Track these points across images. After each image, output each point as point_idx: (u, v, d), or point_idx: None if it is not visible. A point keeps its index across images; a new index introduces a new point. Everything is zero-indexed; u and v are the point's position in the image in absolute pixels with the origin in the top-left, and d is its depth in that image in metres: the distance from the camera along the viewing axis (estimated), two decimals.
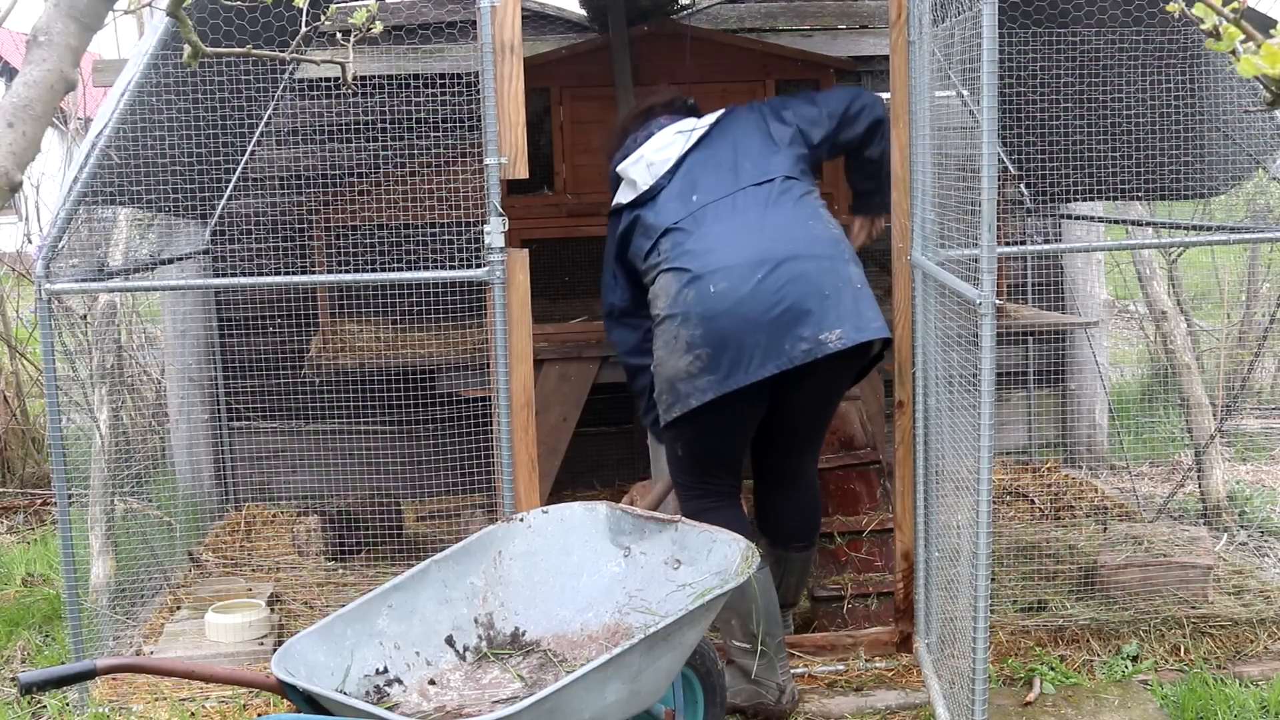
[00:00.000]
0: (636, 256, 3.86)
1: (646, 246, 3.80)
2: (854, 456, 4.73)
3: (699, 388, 3.60)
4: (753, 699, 3.76)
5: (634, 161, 3.89)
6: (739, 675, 3.77)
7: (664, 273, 3.72)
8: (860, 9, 6.16)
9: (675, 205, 3.79)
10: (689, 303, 3.60)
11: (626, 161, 3.92)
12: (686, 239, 3.71)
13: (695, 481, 3.86)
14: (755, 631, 3.72)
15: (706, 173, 3.83)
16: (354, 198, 5.35)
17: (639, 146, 3.92)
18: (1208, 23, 1.67)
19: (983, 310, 2.92)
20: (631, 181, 3.89)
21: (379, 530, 5.09)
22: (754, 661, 3.73)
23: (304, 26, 2.86)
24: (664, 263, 3.73)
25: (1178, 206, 5.36)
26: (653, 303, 3.77)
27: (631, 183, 3.89)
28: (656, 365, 3.74)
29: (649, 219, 3.82)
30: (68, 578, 3.86)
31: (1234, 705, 3.71)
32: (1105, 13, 4.20)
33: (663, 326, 3.69)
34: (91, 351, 4.82)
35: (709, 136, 3.91)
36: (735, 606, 3.67)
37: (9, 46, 15.81)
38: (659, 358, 3.72)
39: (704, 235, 3.69)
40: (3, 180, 2.20)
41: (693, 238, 3.70)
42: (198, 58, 2.54)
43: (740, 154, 3.84)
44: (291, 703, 2.65)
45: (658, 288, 3.74)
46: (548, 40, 5.83)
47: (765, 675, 3.75)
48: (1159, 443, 6.31)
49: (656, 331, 3.74)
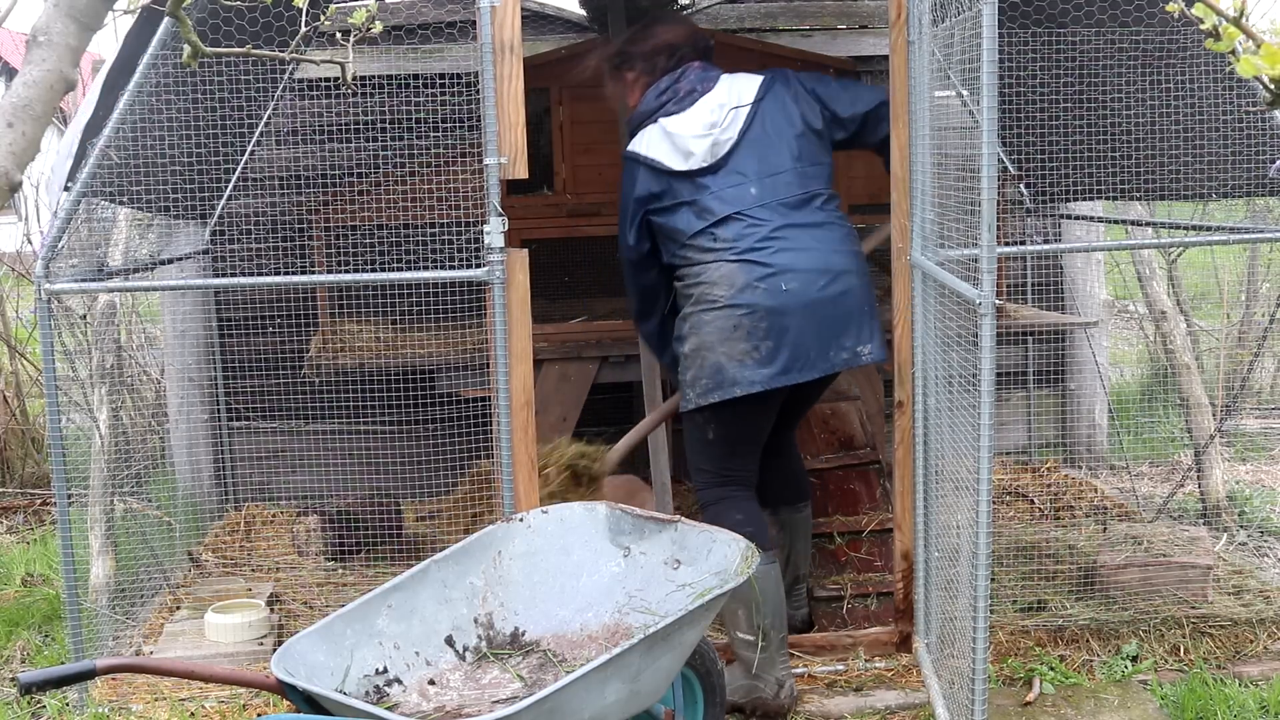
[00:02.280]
0: (678, 231, 3.81)
1: (699, 227, 3.77)
2: (854, 456, 4.73)
3: (750, 378, 3.68)
4: (750, 694, 3.76)
5: (690, 128, 3.82)
6: (739, 672, 3.78)
7: (729, 262, 3.72)
8: (860, 9, 6.16)
9: (735, 193, 3.79)
10: (759, 296, 3.68)
11: (677, 123, 3.83)
12: (754, 232, 3.74)
13: (720, 468, 3.88)
14: (759, 624, 3.75)
15: (765, 165, 3.83)
16: (354, 198, 5.35)
17: (684, 109, 3.86)
18: (1207, 23, 1.67)
19: (982, 310, 2.92)
20: (686, 151, 3.82)
21: (379, 530, 5.09)
22: (755, 654, 3.74)
23: (304, 26, 2.86)
24: (727, 251, 3.73)
25: (1178, 206, 5.36)
26: (704, 286, 3.74)
27: (685, 151, 3.82)
28: (699, 348, 3.74)
29: (708, 202, 3.78)
30: (67, 578, 3.86)
31: (1234, 705, 3.71)
32: (1105, 13, 4.20)
33: (720, 313, 3.70)
34: (91, 351, 4.82)
35: (759, 118, 3.87)
36: (743, 598, 3.71)
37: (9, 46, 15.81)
38: (706, 341, 3.72)
39: (772, 233, 3.75)
40: (3, 180, 2.20)
41: (760, 233, 3.74)
42: (197, 58, 2.54)
43: (794, 150, 3.87)
44: (291, 703, 2.65)
45: (716, 274, 3.72)
46: (548, 40, 5.83)
47: (765, 670, 3.76)
48: (1159, 443, 6.31)
49: (706, 316, 3.72)
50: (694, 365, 3.76)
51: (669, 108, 3.87)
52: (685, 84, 3.89)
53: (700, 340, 3.74)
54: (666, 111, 3.87)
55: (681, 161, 3.82)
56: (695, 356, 3.75)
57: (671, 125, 3.85)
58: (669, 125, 3.85)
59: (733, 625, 3.79)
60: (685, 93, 3.88)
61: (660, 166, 3.83)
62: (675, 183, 3.82)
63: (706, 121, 3.84)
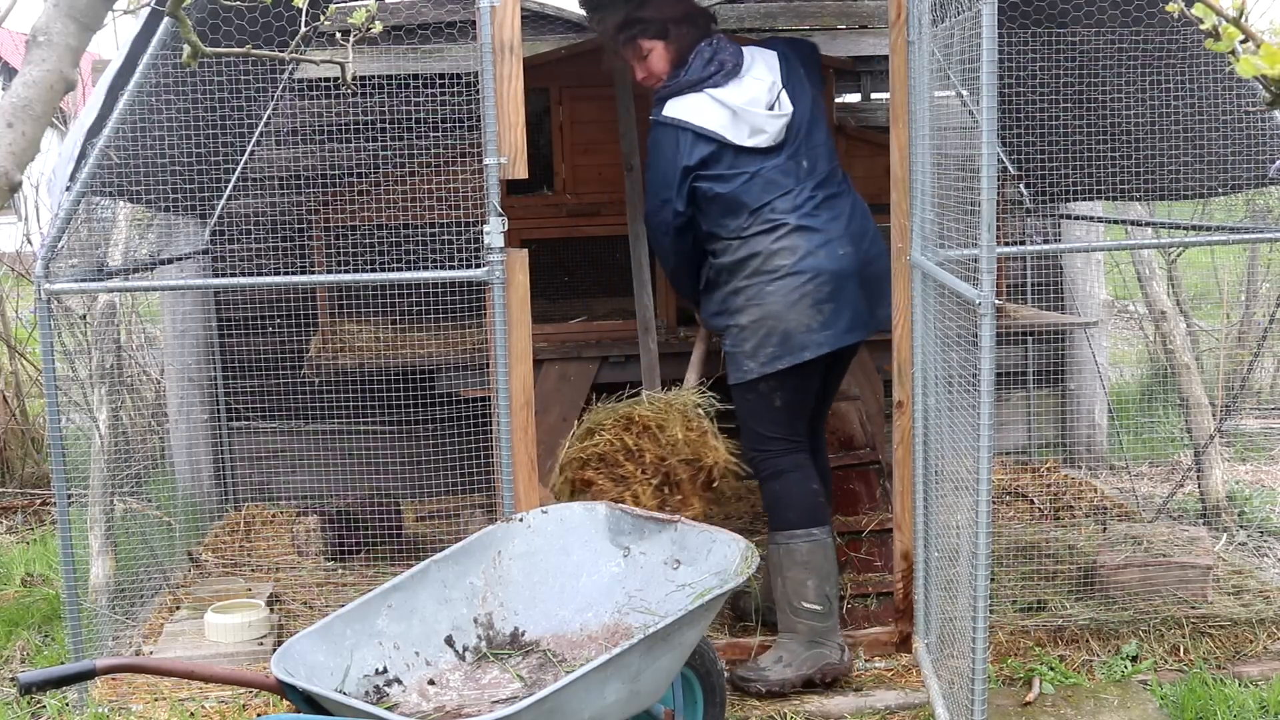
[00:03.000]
0: (740, 204, 3.88)
1: (765, 200, 3.87)
2: (853, 456, 4.73)
3: (818, 340, 3.83)
4: (819, 662, 3.88)
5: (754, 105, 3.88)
6: (797, 645, 3.87)
7: (790, 232, 3.84)
8: (860, 9, 6.16)
9: (793, 166, 3.92)
10: (821, 261, 3.83)
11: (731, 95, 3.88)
12: (807, 204, 3.89)
13: (791, 434, 3.97)
14: (830, 594, 3.89)
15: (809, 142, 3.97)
16: (354, 198, 5.35)
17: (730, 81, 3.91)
18: (1207, 23, 1.67)
19: (982, 310, 2.92)
20: (757, 128, 3.89)
21: (379, 530, 5.08)
22: (824, 623, 3.88)
23: (304, 26, 2.86)
24: (784, 222, 3.85)
25: (1178, 206, 5.37)
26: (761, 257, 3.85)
27: (755, 129, 3.89)
28: (763, 318, 3.84)
29: (773, 175, 3.89)
30: (67, 578, 3.86)
31: (1233, 705, 3.71)
32: (1104, 13, 4.20)
33: (784, 281, 3.82)
34: (91, 351, 4.82)
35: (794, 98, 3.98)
36: (816, 568, 3.87)
37: (9, 46, 15.80)
38: (772, 310, 3.83)
39: (821, 204, 3.91)
40: (3, 180, 2.20)
41: (813, 203, 3.90)
42: (197, 58, 2.54)
43: (820, 126, 4.04)
44: (291, 703, 2.65)
45: (777, 244, 3.84)
46: (548, 40, 5.83)
47: (829, 636, 3.90)
48: (1158, 443, 6.31)
49: (770, 286, 3.84)
50: (756, 335, 3.85)
51: (717, 79, 3.91)
52: (725, 57, 3.95)
53: (764, 309, 3.84)
54: (714, 82, 3.91)
55: (747, 137, 3.88)
56: (758, 326, 3.85)
57: (725, 97, 3.89)
58: (721, 96, 3.89)
59: (799, 597, 3.87)
60: (730, 66, 3.94)
61: (718, 137, 3.87)
62: (737, 155, 3.89)
63: (765, 101, 3.93)
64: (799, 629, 3.88)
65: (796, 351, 3.83)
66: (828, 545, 3.92)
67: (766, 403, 3.92)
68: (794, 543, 3.89)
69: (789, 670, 3.85)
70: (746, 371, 3.88)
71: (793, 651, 3.87)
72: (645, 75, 4.08)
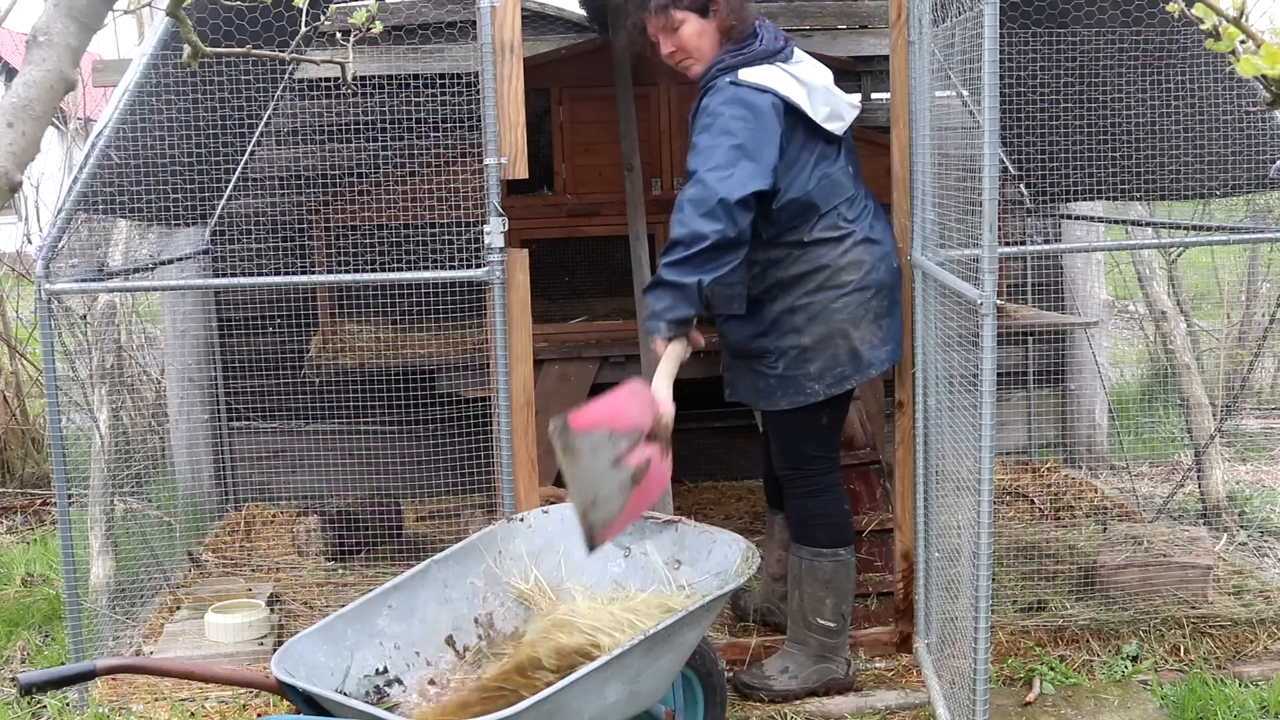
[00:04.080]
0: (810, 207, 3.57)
1: (834, 202, 3.61)
2: (854, 456, 4.73)
3: (880, 358, 3.71)
4: (825, 676, 3.86)
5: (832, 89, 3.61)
6: (804, 659, 3.85)
7: (857, 243, 3.63)
8: (860, 9, 6.16)
9: (848, 169, 3.72)
10: (882, 275, 3.69)
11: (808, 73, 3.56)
12: (867, 213, 3.73)
13: (833, 451, 3.86)
14: (845, 613, 3.85)
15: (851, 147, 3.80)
16: (354, 198, 5.35)
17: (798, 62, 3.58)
18: (1207, 23, 1.67)
19: (983, 310, 2.92)
20: (838, 114, 3.62)
21: (379, 530, 5.08)
22: (835, 640, 3.85)
23: (304, 26, 2.86)
24: (852, 232, 3.63)
25: (1178, 206, 5.36)
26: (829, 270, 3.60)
27: (837, 114, 3.62)
28: (829, 335, 3.61)
29: (839, 177, 3.65)
30: (67, 578, 3.86)
31: (1234, 705, 3.71)
32: (1105, 13, 4.20)
33: (851, 297, 3.61)
34: (91, 351, 4.82)
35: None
36: (837, 587, 3.80)
37: (9, 46, 15.80)
38: (839, 328, 3.61)
39: (875, 212, 3.77)
40: (3, 180, 2.20)
41: (870, 211, 3.75)
42: (197, 58, 2.54)
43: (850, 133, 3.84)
44: (291, 703, 2.65)
45: (846, 258, 3.61)
46: (548, 40, 5.83)
47: (837, 652, 3.87)
48: (1159, 443, 6.31)
49: (836, 303, 3.60)
50: (823, 355, 3.62)
51: (786, 53, 3.58)
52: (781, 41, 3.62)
53: (831, 327, 3.61)
54: (784, 57, 3.57)
55: (825, 119, 3.57)
56: (825, 345, 3.62)
57: (803, 74, 3.56)
58: (798, 72, 3.55)
59: (815, 613, 3.83)
60: (791, 53, 3.61)
61: (805, 112, 3.50)
62: (811, 145, 3.56)
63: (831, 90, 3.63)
64: (809, 642, 3.85)
65: (864, 370, 3.66)
66: (850, 565, 3.83)
67: (815, 422, 3.74)
68: (820, 560, 3.80)
69: (794, 683, 3.83)
70: (810, 394, 3.63)
71: (800, 664, 3.85)
72: (672, 50, 3.63)
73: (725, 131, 3.42)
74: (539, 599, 3.18)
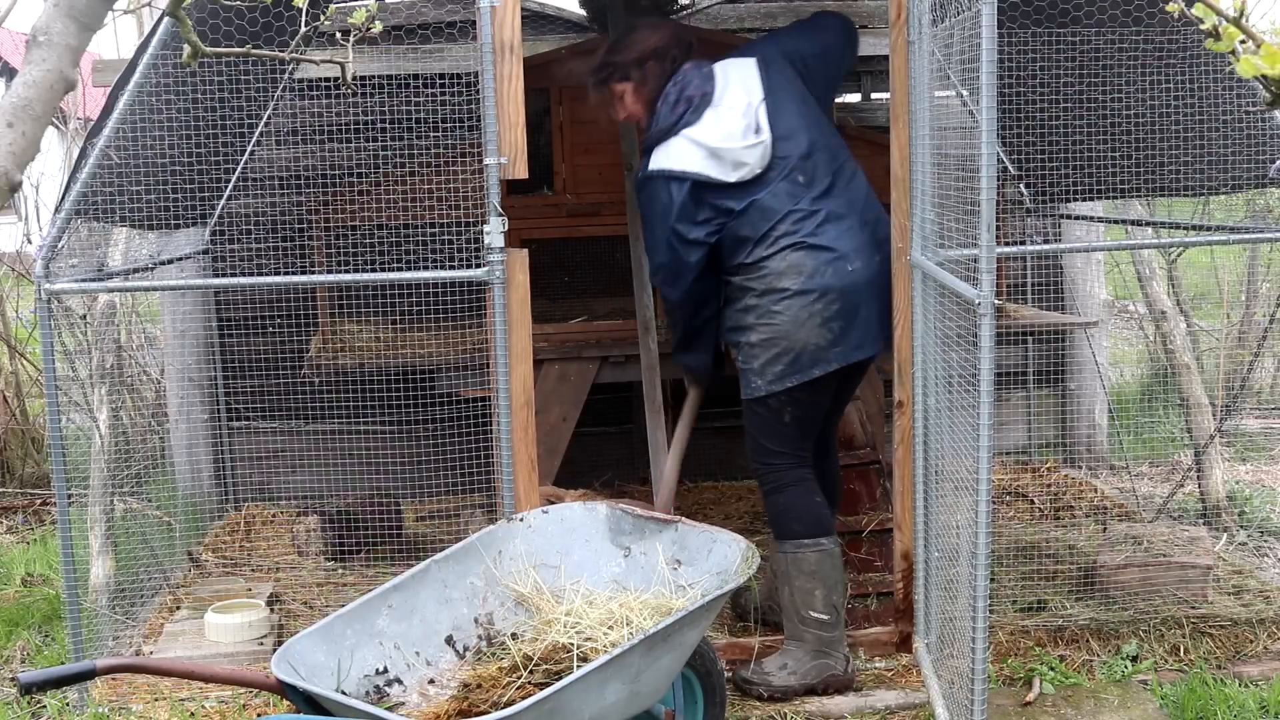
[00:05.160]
0: (741, 238, 3.82)
1: (764, 228, 3.81)
2: (854, 456, 4.73)
3: (826, 358, 3.79)
4: (823, 672, 3.87)
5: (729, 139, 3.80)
6: (802, 654, 3.87)
7: (795, 250, 3.77)
8: (860, 9, 6.16)
9: (788, 188, 3.83)
10: (828, 279, 3.77)
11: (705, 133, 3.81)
12: (809, 221, 3.81)
13: (796, 449, 3.94)
14: (838, 604, 3.87)
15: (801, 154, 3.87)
16: (354, 198, 5.35)
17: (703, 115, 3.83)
18: (1208, 23, 1.67)
19: (982, 310, 2.92)
20: (737, 162, 3.81)
21: (379, 530, 5.08)
22: (831, 633, 3.87)
23: (304, 26, 2.86)
24: (788, 243, 3.78)
25: (1177, 206, 5.36)
26: (770, 277, 3.79)
27: (736, 163, 3.82)
28: (773, 336, 3.79)
29: (768, 202, 3.81)
30: (67, 578, 3.86)
31: (1234, 705, 3.71)
32: (1105, 13, 4.20)
33: (792, 300, 3.77)
34: (91, 351, 4.82)
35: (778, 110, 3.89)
36: (824, 577, 3.85)
37: (9, 46, 15.79)
38: (781, 329, 3.78)
39: (825, 218, 3.83)
40: (3, 180, 2.20)
41: (815, 219, 3.82)
42: (197, 58, 2.54)
43: (815, 128, 3.93)
44: (291, 703, 2.65)
45: (782, 265, 3.78)
46: (548, 40, 5.82)
47: (834, 646, 3.89)
48: (1159, 443, 6.31)
49: (777, 305, 3.78)
50: (765, 353, 3.81)
51: (687, 118, 3.85)
52: (692, 90, 3.87)
53: (774, 329, 3.79)
54: (686, 122, 3.84)
55: (732, 172, 3.82)
56: (768, 345, 3.80)
57: (700, 135, 3.83)
58: (696, 135, 3.83)
59: (807, 606, 3.86)
60: (698, 99, 3.86)
61: (706, 179, 3.81)
62: (725, 195, 3.82)
63: (741, 127, 3.83)
64: (806, 638, 3.87)
65: (806, 369, 3.79)
66: (835, 555, 3.90)
67: (775, 418, 3.89)
68: (802, 552, 3.87)
69: (793, 678, 3.84)
70: (755, 388, 3.85)
71: (798, 659, 3.87)
72: (625, 116, 4.07)
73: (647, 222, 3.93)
74: (538, 599, 3.18)
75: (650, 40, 3.98)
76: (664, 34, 4.01)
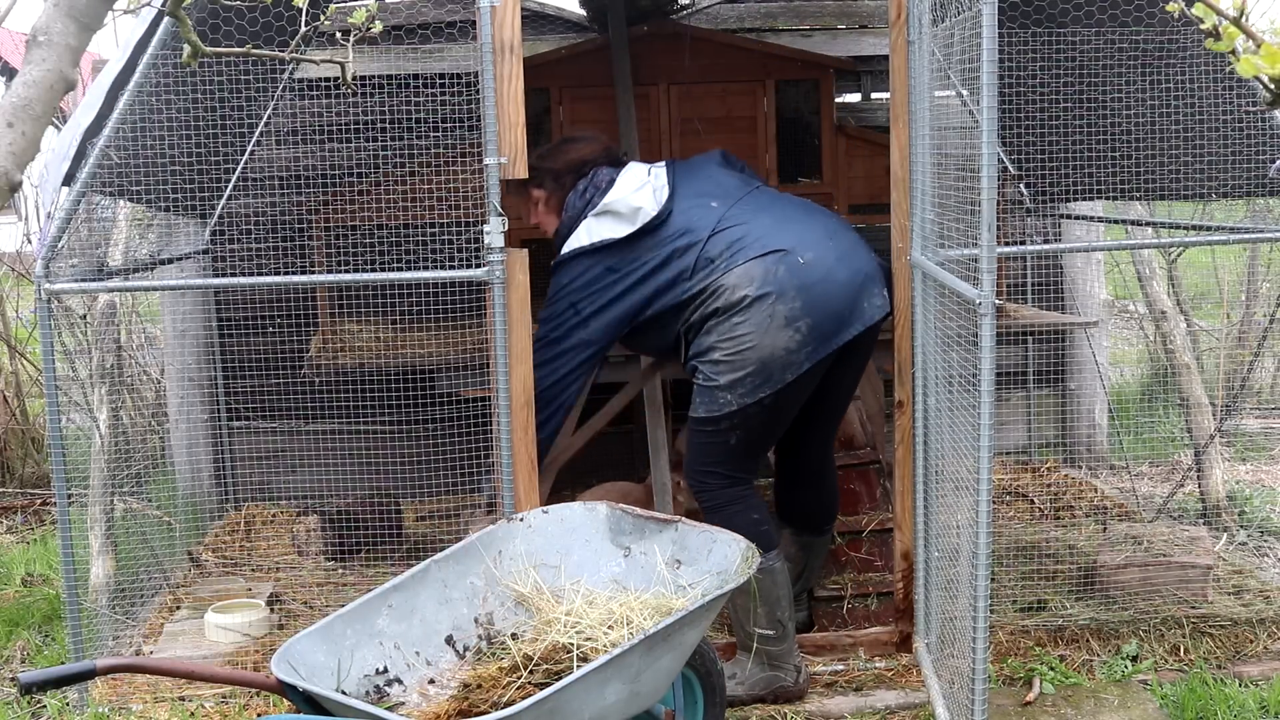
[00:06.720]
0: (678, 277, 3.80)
1: (691, 261, 3.78)
2: (854, 456, 4.73)
3: (796, 360, 3.71)
4: (773, 684, 3.86)
5: (624, 194, 3.87)
6: (756, 666, 3.84)
7: (743, 262, 3.73)
8: (860, 9, 6.16)
9: (701, 214, 3.84)
10: (782, 278, 3.70)
11: (615, 197, 3.88)
12: (742, 231, 3.79)
13: (734, 470, 3.86)
14: (783, 619, 3.84)
15: (709, 184, 3.92)
16: (354, 198, 5.35)
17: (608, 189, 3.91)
18: (1207, 23, 1.67)
19: (982, 310, 2.92)
20: (632, 209, 3.85)
21: (379, 530, 5.08)
22: (778, 647, 3.84)
23: (304, 26, 2.86)
24: (733, 256, 3.75)
25: (1177, 206, 5.36)
26: (721, 296, 3.73)
27: (632, 210, 3.85)
28: (737, 351, 3.71)
29: (685, 237, 3.80)
30: (67, 578, 3.86)
31: (1234, 705, 3.71)
32: (1104, 13, 4.20)
33: (752, 309, 3.69)
34: (91, 351, 4.82)
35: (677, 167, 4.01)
36: (763, 595, 3.79)
37: (9, 46, 15.78)
38: (745, 341, 3.70)
39: (760, 223, 3.81)
40: (3, 180, 2.20)
41: (747, 226, 3.80)
42: (197, 57, 2.53)
43: (723, 167, 4.03)
44: (291, 703, 2.65)
45: (731, 280, 3.72)
46: (548, 40, 5.83)
47: (784, 660, 3.86)
48: (1159, 443, 6.31)
49: (737, 318, 3.71)
50: (732, 369, 3.71)
51: (594, 200, 3.92)
52: (600, 178, 3.96)
53: (738, 341, 3.71)
54: (591, 205, 3.92)
55: (631, 223, 3.84)
56: (734, 361, 3.71)
57: (604, 205, 3.89)
58: (613, 202, 3.88)
59: (751, 622, 3.83)
60: (605, 185, 3.93)
61: (610, 240, 3.85)
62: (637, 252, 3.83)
63: (636, 182, 3.90)
64: (756, 651, 3.84)
65: (778, 375, 3.70)
66: (775, 571, 3.81)
67: (722, 439, 3.80)
68: None
69: (740, 689, 3.83)
70: (724, 404, 3.73)
71: (747, 671, 3.84)
72: (536, 221, 4.14)
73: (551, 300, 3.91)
74: (538, 599, 3.18)
75: (580, 152, 4.05)
76: (594, 148, 4.07)
